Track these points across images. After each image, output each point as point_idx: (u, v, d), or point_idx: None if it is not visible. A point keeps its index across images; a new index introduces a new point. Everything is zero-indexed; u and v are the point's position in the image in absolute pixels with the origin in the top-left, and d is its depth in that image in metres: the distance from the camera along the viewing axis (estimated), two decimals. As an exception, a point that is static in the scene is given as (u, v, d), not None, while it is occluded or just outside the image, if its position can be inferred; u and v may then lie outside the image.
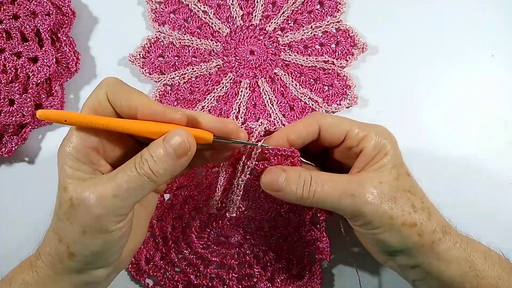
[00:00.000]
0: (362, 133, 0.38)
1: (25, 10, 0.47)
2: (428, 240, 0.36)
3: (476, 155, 0.49)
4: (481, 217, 0.47)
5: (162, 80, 0.48)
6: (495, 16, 0.51)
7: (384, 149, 0.37)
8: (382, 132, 0.38)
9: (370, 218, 0.36)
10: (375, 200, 0.35)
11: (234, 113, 0.47)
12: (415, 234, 0.36)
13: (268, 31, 0.49)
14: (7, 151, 0.46)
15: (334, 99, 0.48)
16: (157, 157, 0.33)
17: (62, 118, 0.34)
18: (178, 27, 0.49)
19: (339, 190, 0.36)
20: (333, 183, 0.36)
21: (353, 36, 0.48)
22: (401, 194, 0.36)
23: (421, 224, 0.36)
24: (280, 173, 0.37)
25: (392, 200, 0.36)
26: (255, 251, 0.48)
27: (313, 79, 0.48)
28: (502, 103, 0.50)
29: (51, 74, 0.47)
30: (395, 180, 0.37)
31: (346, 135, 0.38)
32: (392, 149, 0.38)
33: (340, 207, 0.36)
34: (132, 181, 0.33)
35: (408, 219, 0.36)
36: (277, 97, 0.48)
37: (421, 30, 0.50)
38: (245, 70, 0.48)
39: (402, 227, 0.36)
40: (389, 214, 0.35)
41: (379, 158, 0.37)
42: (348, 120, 0.39)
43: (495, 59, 0.50)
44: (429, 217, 0.37)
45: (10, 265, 0.45)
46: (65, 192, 0.33)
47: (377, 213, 0.35)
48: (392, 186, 0.36)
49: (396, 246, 0.36)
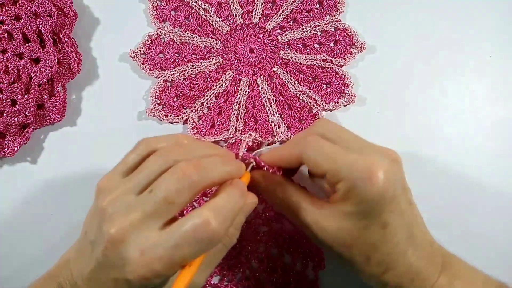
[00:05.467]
0: (338, 177, 0.34)
1: (27, 11, 0.47)
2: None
3: (474, 156, 0.49)
4: (481, 217, 0.48)
5: (162, 76, 0.48)
6: (494, 17, 0.51)
7: (357, 197, 0.33)
8: (364, 173, 0.33)
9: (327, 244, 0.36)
10: (329, 241, 0.36)
11: (234, 114, 0.48)
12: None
13: (267, 29, 0.49)
14: (9, 151, 0.46)
15: (332, 97, 0.48)
16: (240, 226, 0.38)
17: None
18: (179, 25, 0.49)
19: (303, 207, 0.37)
20: (300, 198, 0.38)
21: (351, 35, 0.49)
22: (359, 246, 0.35)
23: (369, 276, 0.36)
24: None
25: (345, 247, 0.35)
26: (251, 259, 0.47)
27: (312, 77, 0.49)
28: (500, 103, 0.50)
29: (53, 75, 0.47)
30: (358, 230, 0.34)
31: (326, 175, 0.35)
32: (366, 199, 0.33)
33: (304, 228, 0.38)
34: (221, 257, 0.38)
35: (358, 268, 0.36)
36: (275, 96, 0.48)
37: (420, 30, 0.50)
38: (245, 68, 0.49)
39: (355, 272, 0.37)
40: (340, 255, 0.36)
41: (350, 205, 0.34)
42: (330, 158, 0.34)
43: (493, 60, 0.50)
44: (384, 272, 0.35)
45: (10, 265, 0.45)
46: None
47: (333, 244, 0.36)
48: (350, 235, 0.34)
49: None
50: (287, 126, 0.48)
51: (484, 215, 0.48)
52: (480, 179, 0.48)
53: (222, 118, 0.48)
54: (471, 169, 0.48)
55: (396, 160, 0.35)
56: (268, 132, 0.47)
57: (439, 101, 0.49)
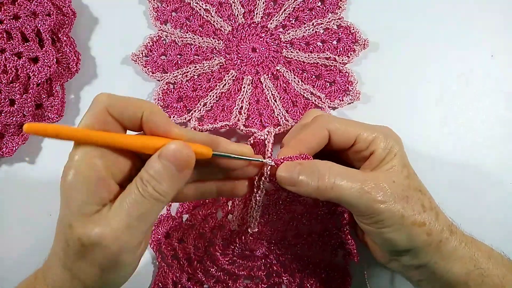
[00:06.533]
0: (371, 136, 0.38)
1: (26, 10, 0.46)
2: (435, 239, 0.36)
3: (476, 154, 0.49)
4: (481, 216, 0.47)
5: (165, 78, 0.47)
6: (495, 16, 0.51)
7: (393, 151, 0.38)
8: (389, 133, 0.39)
9: (382, 217, 0.35)
10: (390, 199, 0.35)
11: (237, 108, 0.47)
12: (424, 233, 0.36)
13: (269, 28, 0.49)
14: (7, 151, 0.45)
15: (337, 96, 0.48)
16: (158, 175, 0.31)
17: (53, 132, 0.30)
18: (180, 26, 0.49)
19: (356, 186, 0.35)
20: (351, 178, 0.36)
21: (354, 32, 0.48)
22: (412, 193, 0.37)
23: (429, 224, 0.36)
24: (295, 166, 0.37)
25: (405, 200, 0.36)
26: (281, 260, 0.47)
27: (315, 75, 0.48)
28: (501, 103, 0.50)
29: (51, 74, 0.46)
30: (406, 179, 0.37)
31: (356, 139, 0.38)
32: (400, 150, 0.38)
33: (356, 203, 0.35)
34: (141, 207, 0.31)
35: (418, 219, 0.36)
36: (279, 93, 0.48)
37: (422, 26, 0.50)
38: (247, 68, 0.48)
39: (412, 226, 0.35)
40: (401, 213, 0.35)
41: (389, 159, 0.38)
42: (355, 123, 0.39)
43: (494, 59, 0.50)
44: (437, 217, 0.37)
45: (10, 265, 0.44)
46: (71, 229, 0.31)
47: (390, 212, 0.35)
48: (404, 185, 0.37)
49: (405, 245, 0.36)
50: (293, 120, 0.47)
51: (484, 214, 0.48)
52: (483, 178, 0.48)
53: (225, 114, 0.47)
54: (473, 168, 0.48)
55: None
56: (274, 125, 0.47)
57: (441, 99, 0.49)
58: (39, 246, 0.44)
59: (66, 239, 0.31)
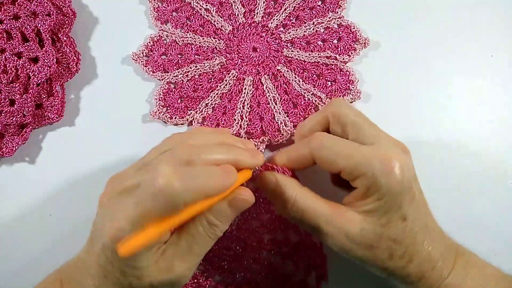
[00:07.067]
0: (356, 172, 0.34)
1: (26, 10, 0.46)
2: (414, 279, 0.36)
3: (476, 154, 0.49)
4: (481, 216, 0.47)
5: (165, 78, 0.47)
6: (496, 16, 0.51)
7: (379, 191, 0.33)
8: (384, 166, 0.33)
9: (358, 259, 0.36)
10: (351, 245, 0.35)
11: (239, 112, 0.47)
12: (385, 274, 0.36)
13: (270, 28, 0.49)
14: (7, 151, 0.45)
15: (338, 94, 0.48)
16: (224, 219, 0.34)
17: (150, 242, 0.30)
18: (181, 25, 0.49)
19: (322, 216, 0.35)
20: (317, 207, 0.36)
21: (355, 31, 0.48)
22: (382, 243, 0.34)
23: (392, 270, 0.36)
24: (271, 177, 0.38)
25: (368, 249, 0.35)
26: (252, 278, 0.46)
27: (316, 74, 0.48)
28: (502, 102, 0.50)
29: (51, 74, 0.46)
30: (381, 227, 0.34)
31: (341, 172, 0.35)
32: (388, 192, 0.33)
33: (322, 236, 0.36)
34: (208, 247, 0.35)
35: (380, 265, 0.35)
36: (280, 95, 0.48)
37: (422, 25, 0.50)
38: (248, 67, 0.48)
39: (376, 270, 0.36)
40: (361, 258, 0.35)
41: (371, 201, 0.34)
42: (345, 154, 0.35)
43: (495, 59, 0.50)
44: (406, 264, 0.35)
45: (10, 265, 0.44)
46: (138, 280, 0.32)
47: (357, 258, 0.36)
48: (374, 234, 0.34)
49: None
50: (293, 124, 0.47)
51: (484, 214, 0.48)
52: (482, 178, 0.48)
53: (227, 118, 0.47)
54: (473, 168, 0.48)
55: (407, 150, 0.36)
56: (274, 129, 0.47)
57: (441, 98, 0.49)
58: (39, 247, 0.45)
59: (130, 283, 0.33)
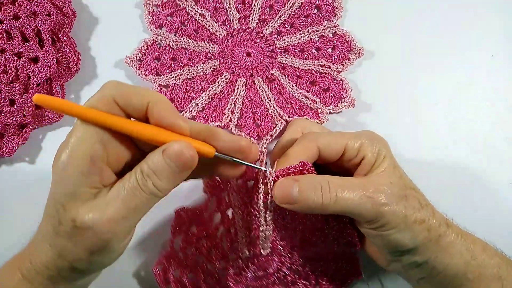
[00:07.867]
0: (358, 143, 0.38)
1: (26, 10, 0.47)
2: (434, 234, 0.37)
3: (476, 156, 0.49)
4: (481, 217, 0.48)
5: (157, 81, 0.48)
6: (494, 17, 0.51)
7: (381, 153, 0.38)
8: (374, 137, 0.39)
9: (387, 219, 0.36)
10: (392, 200, 0.36)
11: (229, 108, 0.47)
12: (425, 230, 0.37)
13: (264, 34, 0.49)
14: (7, 151, 0.46)
15: (331, 102, 0.48)
16: (159, 171, 0.32)
17: (60, 106, 0.31)
18: (175, 30, 0.49)
19: (358, 194, 0.35)
20: (351, 187, 0.36)
21: (349, 41, 0.48)
22: (409, 192, 0.37)
23: (428, 220, 0.37)
24: (292, 184, 0.36)
25: (404, 199, 0.36)
26: (293, 268, 0.46)
27: (310, 82, 0.49)
28: (501, 103, 0.50)
29: (51, 74, 0.47)
30: (400, 179, 0.38)
31: (344, 149, 0.38)
32: (388, 152, 0.39)
33: (361, 211, 0.36)
34: (139, 200, 0.32)
35: (418, 216, 0.36)
36: (274, 94, 0.48)
37: (418, 35, 0.50)
38: (242, 71, 0.49)
39: (414, 224, 0.36)
40: (403, 213, 0.36)
41: (380, 162, 0.38)
42: (340, 135, 0.39)
43: (494, 60, 0.50)
44: (433, 213, 0.38)
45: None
46: (65, 211, 0.31)
47: (394, 213, 0.36)
48: (400, 185, 0.37)
49: (408, 244, 0.37)
50: (288, 116, 0.47)
51: (484, 214, 0.48)
52: (482, 179, 0.49)
53: (217, 114, 0.48)
54: (473, 169, 0.49)
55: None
56: (268, 121, 0.47)
57: (439, 103, 0.49)
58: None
59: (59, 218, 0.32)
